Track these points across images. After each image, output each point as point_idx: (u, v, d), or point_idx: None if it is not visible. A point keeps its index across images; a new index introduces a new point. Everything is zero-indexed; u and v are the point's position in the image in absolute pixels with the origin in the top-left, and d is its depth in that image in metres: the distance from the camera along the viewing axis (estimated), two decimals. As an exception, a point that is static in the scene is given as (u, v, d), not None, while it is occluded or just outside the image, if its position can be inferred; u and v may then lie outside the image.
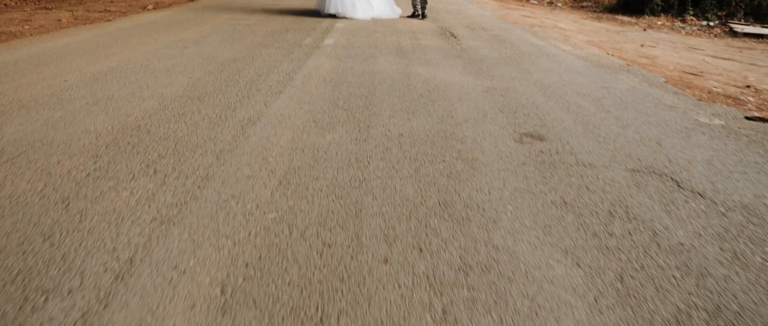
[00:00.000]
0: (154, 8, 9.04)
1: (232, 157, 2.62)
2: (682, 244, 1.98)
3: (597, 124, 3.45)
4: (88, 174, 2.36)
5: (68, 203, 2.10)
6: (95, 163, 2.50)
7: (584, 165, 2.74)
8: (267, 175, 2.42)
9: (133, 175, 2.38)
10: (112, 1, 9.80)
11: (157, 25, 6.95)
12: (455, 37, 6.80)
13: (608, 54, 6.70)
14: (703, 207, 2.32)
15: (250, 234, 1.90)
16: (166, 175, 2.38)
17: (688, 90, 4.76)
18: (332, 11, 8.05)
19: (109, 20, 7.45)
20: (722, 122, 3.60)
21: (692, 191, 2.49)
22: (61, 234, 1.86)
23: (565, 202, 2.28)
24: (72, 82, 3.94)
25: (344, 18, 7.94)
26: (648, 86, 4.63)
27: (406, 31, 7.11)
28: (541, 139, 3.12)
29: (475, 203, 2.24)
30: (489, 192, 2.35)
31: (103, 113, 3.24)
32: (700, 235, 2.06)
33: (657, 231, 2.08)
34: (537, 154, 2.86)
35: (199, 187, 2.27)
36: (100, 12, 8.29)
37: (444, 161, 2.69)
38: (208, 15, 7.98)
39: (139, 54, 5.05)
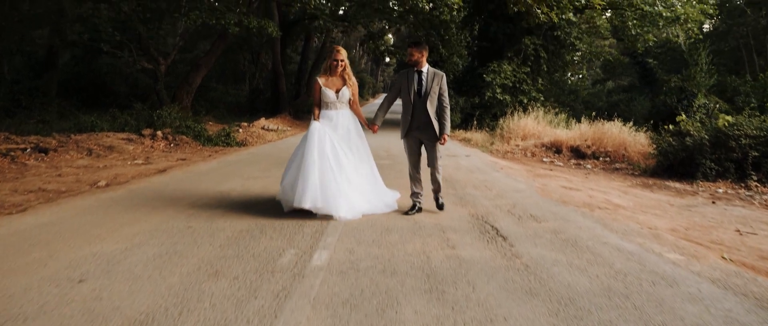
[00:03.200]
0: (106, 185, 7.16)
1: None
2: None
3: None
4: None
5: None
6: None
7: None
8: None
9: None
10: (59, 175, 7.97)
11: (76, 222, 4.89)
12: (503, 236, 4.72)
13: (724, 258, 4.61)
14: None
15: None
16: None
17: None
18: (307, 206, 5.07)
19: (23, 210, 5.44)
20: None
21: None
22: None
23: None
24: None
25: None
26: None
27: (431, 227, 5.04)
28: None
29: None
30: None
31: None
32: None
33: None
34: None
35: None
36: (26, 193, 6.35)
37: None
38: (161, 201, 5.97)
39: (-14, 304, 2.89)
